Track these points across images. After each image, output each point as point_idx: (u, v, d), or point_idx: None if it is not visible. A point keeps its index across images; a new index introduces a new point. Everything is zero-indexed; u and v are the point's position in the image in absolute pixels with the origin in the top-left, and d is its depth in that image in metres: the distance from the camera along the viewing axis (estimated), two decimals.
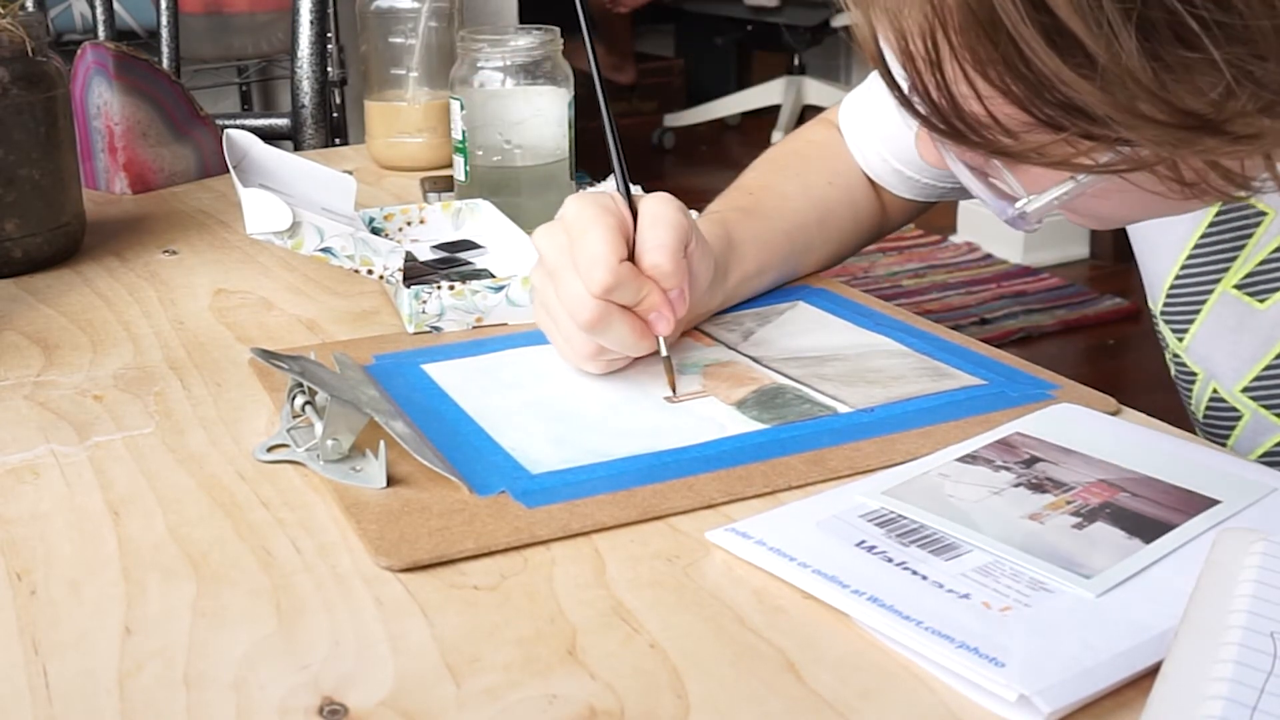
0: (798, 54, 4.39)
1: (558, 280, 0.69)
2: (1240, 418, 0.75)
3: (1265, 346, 0.73)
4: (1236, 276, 0.74)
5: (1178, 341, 0.78)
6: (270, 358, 0.68)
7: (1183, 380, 0.79)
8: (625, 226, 0.69)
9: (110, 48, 1.14)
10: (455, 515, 0.58)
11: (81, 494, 0.61)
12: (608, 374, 0.73)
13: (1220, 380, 0.76)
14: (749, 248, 0.82)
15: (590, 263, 0.67)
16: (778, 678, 0.47)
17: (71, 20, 2.31)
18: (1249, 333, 0.74)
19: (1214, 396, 0.77)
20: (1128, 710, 0.45)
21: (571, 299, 0.68)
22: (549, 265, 0.70)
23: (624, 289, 0.68)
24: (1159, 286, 0.79)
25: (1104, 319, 2.87)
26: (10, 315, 0.86)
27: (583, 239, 0.68)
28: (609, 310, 0.68)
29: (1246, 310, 0.74)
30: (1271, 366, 0.73)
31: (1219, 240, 0.74)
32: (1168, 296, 0.78)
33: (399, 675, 0.47)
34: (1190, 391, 0.78)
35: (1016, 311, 2.87)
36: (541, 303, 0.73)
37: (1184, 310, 0.77)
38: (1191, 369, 0.78)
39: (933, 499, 0.58)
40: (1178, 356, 0.79)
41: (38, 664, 0.48)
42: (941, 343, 0.77)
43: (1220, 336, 0.75)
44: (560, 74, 1.03)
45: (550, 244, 0.70)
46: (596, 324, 0.68)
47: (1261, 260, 0.72)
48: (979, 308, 2.88)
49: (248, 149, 0.89)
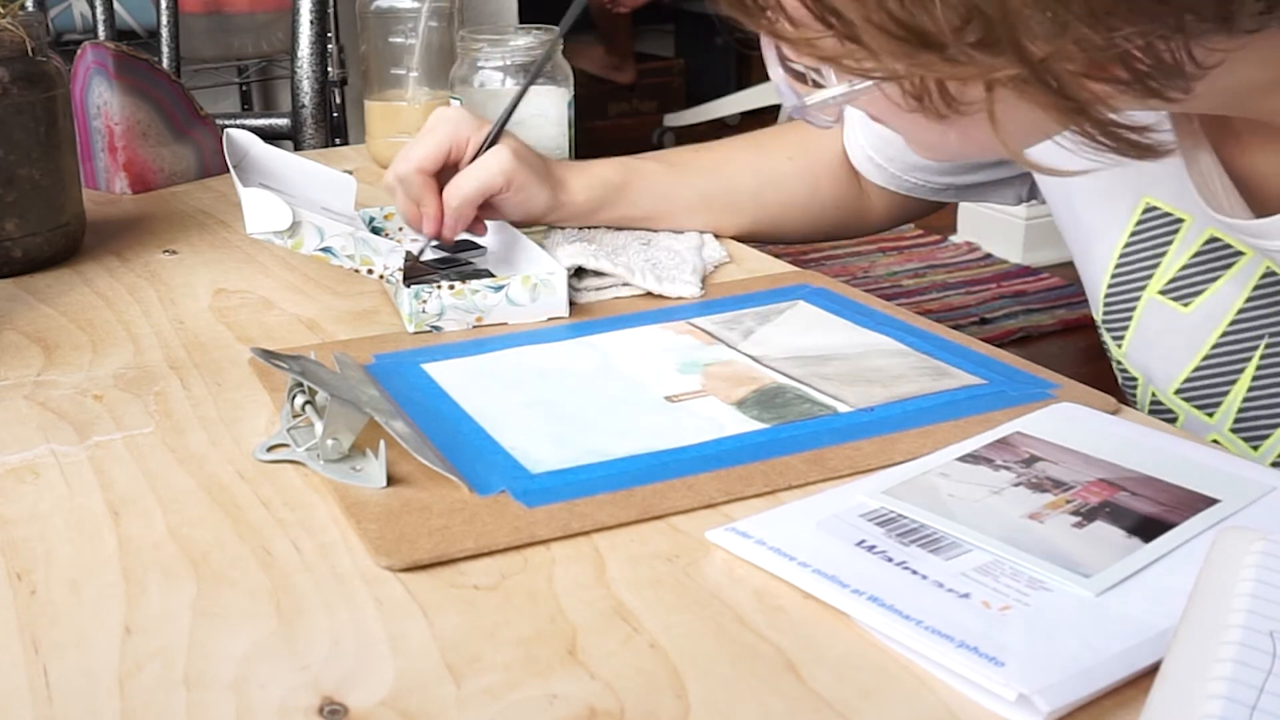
0: None
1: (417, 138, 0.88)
2: (1176, 419, 0.77)
3: (1192, 349, 0.75)
4: (1160, 282, 0.76)
5: (1117, 348, 0.80)
6: (270, 358, 0.68)
7: (1127, 386, 0.81)
8: (459, 144, 0.87)
9: (110, 48, 1.14)
10: (455, 515, 0.58)
11: (81, 494, 0.61)
12: (608, 374, 0.73)
13: (1156, 384, 0.77)
14: (642, 197, 0.94)
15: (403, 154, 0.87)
16: (778, 678, 0.47)
17: (71, 20, 2.31)
18: (1176, 335, 0.75)
19: (1153, 399, 0.78)
20: (1127, 710, 0.45)
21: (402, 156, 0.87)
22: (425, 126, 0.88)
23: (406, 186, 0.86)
24: (1096, 296, 0.81)
25: None
26: (10, 315, 0.86)
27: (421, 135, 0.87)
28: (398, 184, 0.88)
29: (1173, 315, 0.75)
30: (1199, 368, 0.74)
31: (1141, 248, 0.76)
32: (1104, 305, 0.80)
33: (399, 675, 0.47)
34: (1134, 396, 0.80)
35: (1016, 311, 2.86)
36: None
37: (1118, 317, 0.79)
38: (1132, 374, 0.80)
39: (933, 498, 0.58)
40: (1120, 363, 0.80)
41: (38, 664, 0.48)
42: (941, 342, 0.77)
43: (1151, 342, 0.77)
44: (560, 74, 1.03)
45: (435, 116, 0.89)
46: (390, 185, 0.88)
47: (1182, 265, 0.74)
48: (979, 308, 2.87)
49: (248, 149, 0.89)
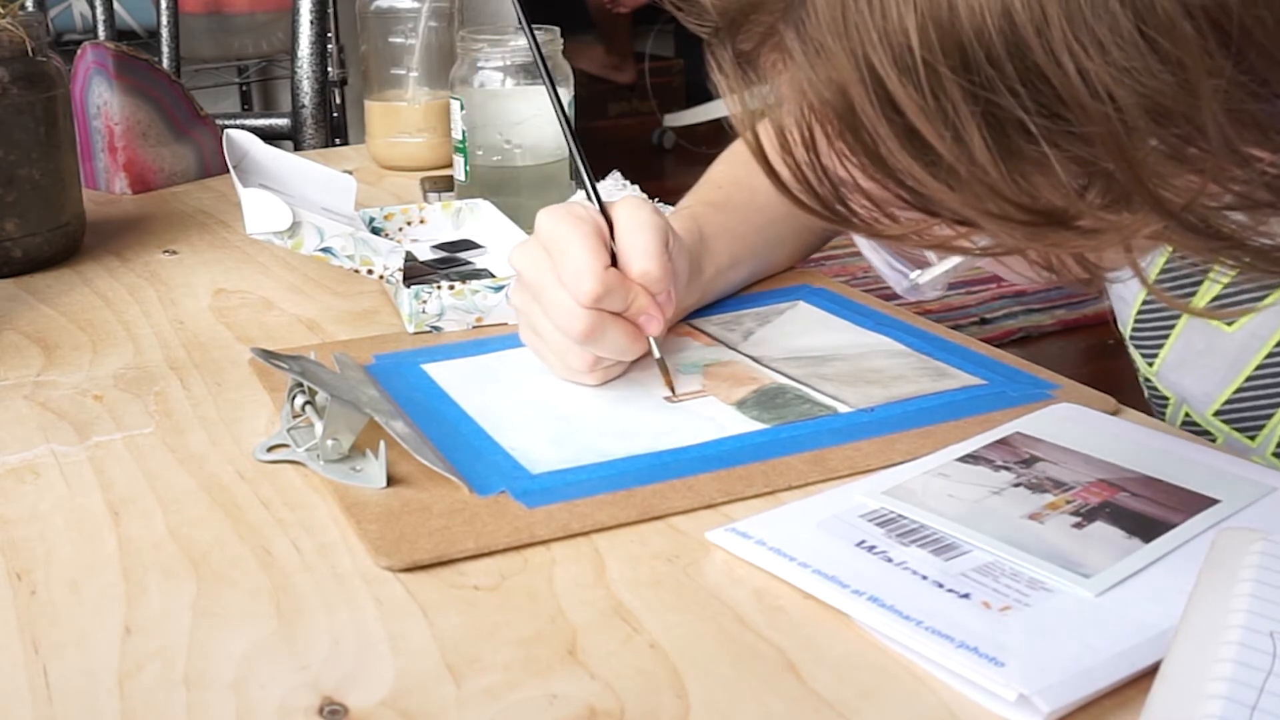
0: None
1: (543, 297, 0.69)
2: (1215, 441, 0.74)
3: (1234, 369, 0.72)
4: (1203, 300, 0.72)
5: (1148, 367, 0.77)
6: (270, 358, 0.68)
7: (1156, 403, 0.79)
8: (603, 233, 0.69)
9: (110, 48, 1.14)
10: (455, 515, 0.58)
11: (81, 494, 0.61)
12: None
13: (1192, 404, 0.75)
14: (721, 242, 0.83)
15: (576, 274, 0.67)
16: (778, 678, 0.47)
17: (71, 20, 2.31)
18: (1218, 356, 0.73)
19: (1186, 420, 0.76)
20: (1127, 710, 0.45)
21: (560, 313, 0.68)
22: (531, 283, 0.70)
23: (613, 296, 0.68)
24: (1126, 312, 0.78)
25: (1104, 319, 2.86)
26: (10, 315, 0.86)
27: (564, 252, 0.67)
28: (600, 319, 0.68)
29: (1215, 333, 0.73)
30: (1241, 390, 0.72)
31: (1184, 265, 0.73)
32: (1136, 321, 0.77)
33: (399, 675, 0.47)
34: (1164, 415, 0.78)
35: (1016, 311, 2.86)
36: (528, 324, 0.72)
37: (1153, 335, 0.77)
38: (1163, 393, 0.77)
39: (933, 499, 0.58)
40: (1149, 380, 0.78)
41: (38, 664, 0.48)
42: (941, 343, 0.77)
43: (1189, 361, 0.75)
44: (560, 74, 1.03)
45: (529, 262, 0.70)
46: (589, 334, 0.68)
47: (1227, 283, 0.71)
48: (979, 308, 2.87)
49: (248, 149, 0.89)
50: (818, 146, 0.47)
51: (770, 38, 0.46)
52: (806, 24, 0.44)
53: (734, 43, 0.48)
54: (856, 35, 0.43)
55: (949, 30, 0.42)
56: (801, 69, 0.45)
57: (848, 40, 0.43)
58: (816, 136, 0.46)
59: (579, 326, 0.67)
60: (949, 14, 0.42)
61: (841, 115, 0.45)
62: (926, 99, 0.42)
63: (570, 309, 0.67)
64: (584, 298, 0.66)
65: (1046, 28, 0.41)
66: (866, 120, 0.44)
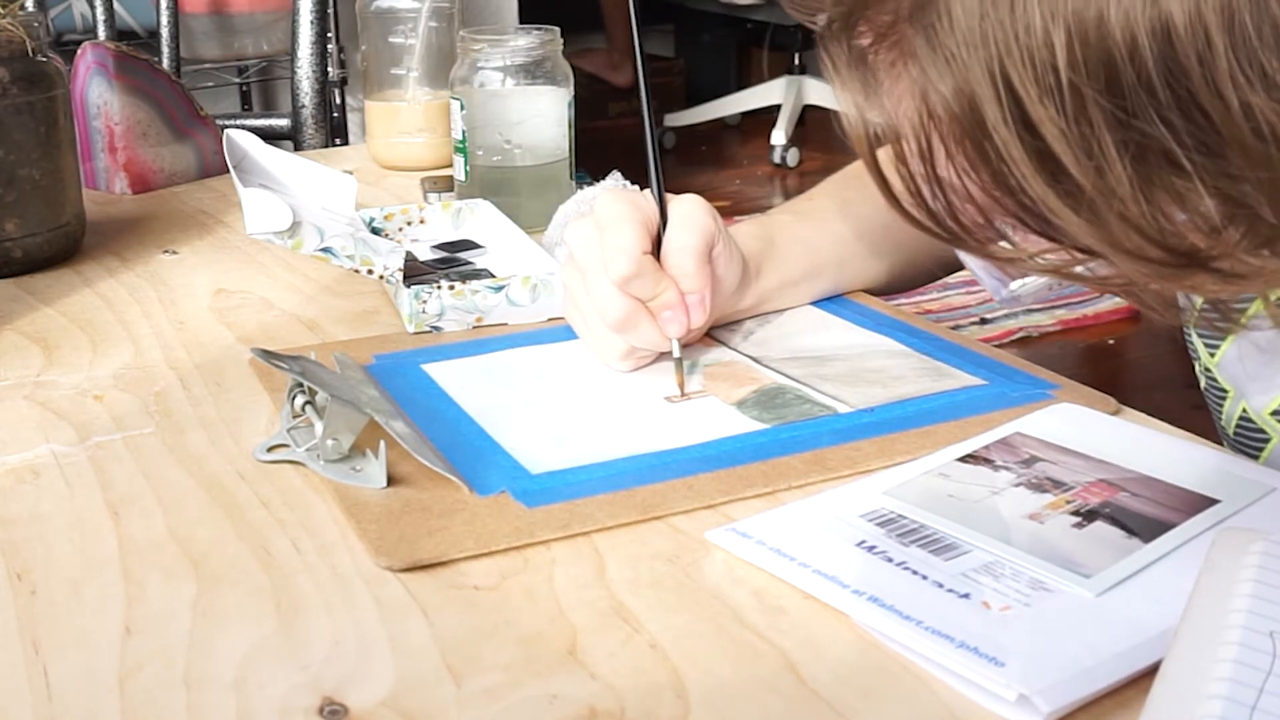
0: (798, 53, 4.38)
1: (588, 277, 0.71)
2: (1269, 440, 0.72)
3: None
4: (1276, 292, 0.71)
5: (1209, 356, 0.75)
6: (270, 358, 0.68)
7: (1213, 395, 0.76)
8: (652, 223, 0.71)
9: (110, 48, 1.14)
10: (455, 515, 0.58)
11: (81, 494, 0.61)
12: (608, 374, 0.73)
13: (1249, 400, 0.72)
14: (793, 249, 0.81)
15: (614, 252, 0.68)
16: (778, 678, 0.47)
17: (71, 20, 2.31)
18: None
19: (1243, 416, 0.73)
20: (1127, 710, 0.45)
21: (601, 297, 0.70)
22: (580, 261, 0.71)
23: (642, 280, 0.69)
24: None
25: (1104, 319, 2.87)
26: (10, 315, 0.86)
27: (609, 231, 0.69)
28: (636, 310, 0.69)
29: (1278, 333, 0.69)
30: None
31: None
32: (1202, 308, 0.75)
33: (399, 675, 0.47)
34: (1221, 408, 0.75)
35: (1016, 311, 2.86)
36: (573, 300, 0.74)
37: None
38: (1222, 385, 0.74)
39: (933, 499, 0.58)
40: (1209, 371, 0.75)
41: (38, 664, 0.48)
42: (941, 343, 0.77)
43: (1251, 355, 0.72)
44: (560, 74, 1.03)
45: (581, 239, 0.71)
46: (624, 324, 0.69)
47: None
48: (979, 308, 2.87)
49: (248, 149, 0.89)
50: (934, 158, 0.44)
51: (890, 35, 0.43)
52: (938, 29, 0.41)
53: (849, 37, 0.44)
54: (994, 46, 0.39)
55: (1097, 48, 0.38)
56: (928, 75, 0.41)
57: (984, 50, 0.40)
58: (934, 148, 0.43)
59: (615, 315, 0.69)
60: (1098, 30, 0.38)
61: (969, 130, 0.41)
62: (1069, 123, 0.39)
63: (609, 295, 0.69)
64: (614, 274, 0.68)
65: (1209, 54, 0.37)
66: (998, 138, 0.41)
